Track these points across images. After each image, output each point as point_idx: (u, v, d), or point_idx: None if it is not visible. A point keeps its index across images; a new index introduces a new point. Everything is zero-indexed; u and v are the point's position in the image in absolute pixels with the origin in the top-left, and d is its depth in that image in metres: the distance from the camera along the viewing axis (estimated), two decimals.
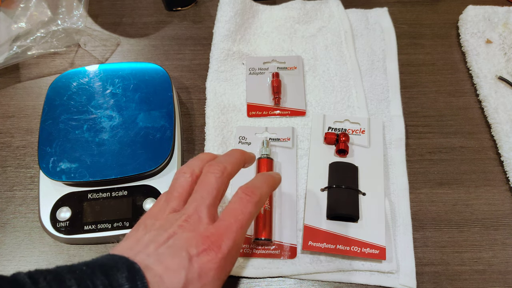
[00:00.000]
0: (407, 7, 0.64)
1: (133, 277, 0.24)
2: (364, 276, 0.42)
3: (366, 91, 0.54)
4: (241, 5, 0.58)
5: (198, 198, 0.29)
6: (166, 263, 0.25)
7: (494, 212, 0.46)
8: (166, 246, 0.26)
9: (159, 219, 0.29)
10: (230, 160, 0.32)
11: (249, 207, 0.29)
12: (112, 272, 0.24)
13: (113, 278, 0.23)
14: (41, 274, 0.23)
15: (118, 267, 0.24)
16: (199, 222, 0.28)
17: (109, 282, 0.23)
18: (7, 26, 0.56)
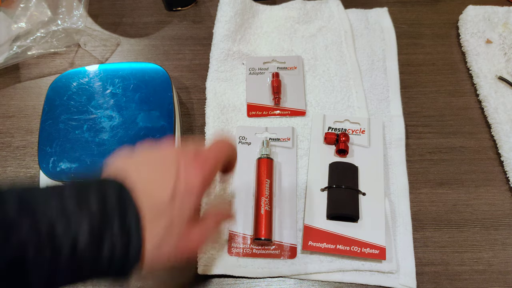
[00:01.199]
0: (407, 7, 0.64)
1: (122, 194, 0.26)
2: (364, 276, 0.42)
3: (366, 91, 0.54)
4: (241, 5, 0.58)
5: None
6: (155, 176, 0.28)
7: (494, 212, 0.46)
8: (157, 162, 0.30)
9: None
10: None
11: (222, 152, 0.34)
12: (104, 187, 0.26)
13: (104, 192, 0.26)
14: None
15: (109, 184, 0.27)
16: (189, 151, 0.32)
17: (101, 193, 0.26)
18: (7, 26, 0.56)
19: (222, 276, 0.43)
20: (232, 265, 0.43)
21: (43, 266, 0.23)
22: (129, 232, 0.26)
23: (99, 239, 0.24)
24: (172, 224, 0.28)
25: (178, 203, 0.28)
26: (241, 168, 0.48)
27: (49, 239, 0.23)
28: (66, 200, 0.24)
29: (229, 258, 0.43)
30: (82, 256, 0.24)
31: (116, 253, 0.25)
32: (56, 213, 0.23)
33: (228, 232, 0.44)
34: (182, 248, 0.29)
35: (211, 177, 0.32)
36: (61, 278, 0.24)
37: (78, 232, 0.24)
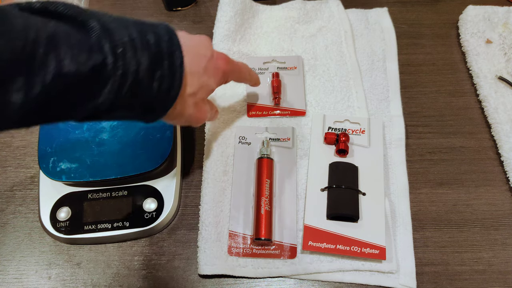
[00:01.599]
0: (407, 7, 0.64)
1: (173, 40, 0.32)
2: (364, 276, 0.42)
3: (366, 91, 0.54)
4: (241, 5, 0.58)
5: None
6: (195, 50, 0.36)
7: (494, 212, 0.46)
8: (198, 42, 0.38)
9: None
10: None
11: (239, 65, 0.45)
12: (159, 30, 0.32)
13: (159, 33, 0.32)
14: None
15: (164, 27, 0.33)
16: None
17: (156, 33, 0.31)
18: None
19: (222, 276, 0.43)
20: (232, 265, 0.43)
21: (116, 79, 0.28)
22: (174, 74, 0.32)
23: (153, 71, 0.30)
24: (201, 87, 0.37)
25: (207, 76, 0.37)
26: (241, 168, 0.48)
27: (122, 59, 0.28)
28: (133, 33, 0.29)
29: (229, 258, 0.43)
30: (140, 81, 0.29)
31: (162, 86, 0.31)
32: (127, 41, 0.29)
33: (228, 232, 0.44)
34: (198, 110, 0.38)
35: (233, 73, 0.42)
36: (123, 96, 0.29)
37: (141, 61, 0.29)
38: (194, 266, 0.44)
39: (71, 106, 0.28)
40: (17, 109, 0.24)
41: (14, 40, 0.23)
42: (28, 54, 0.24)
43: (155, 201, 0.45)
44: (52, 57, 0.24)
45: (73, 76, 0.26)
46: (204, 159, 0.48)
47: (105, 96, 0.28)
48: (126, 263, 0.44)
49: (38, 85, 0.24)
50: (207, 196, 0.46)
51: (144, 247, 0.45)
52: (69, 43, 0.26)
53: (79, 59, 0.26)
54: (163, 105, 0.33)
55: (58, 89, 0.25)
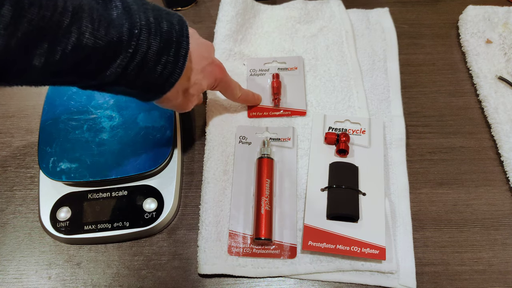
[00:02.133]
0: (407, 7, 0.64)
1: (184, 29, 0.35)
2: (364, 276, 0.42)
3: (367, 91, 0.54)
4: (243, 5, 0.58)
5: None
6: (202, 50, 0.40)
7: (494, 212, 0.46)
8: (202, 44, 0.41)
9: None
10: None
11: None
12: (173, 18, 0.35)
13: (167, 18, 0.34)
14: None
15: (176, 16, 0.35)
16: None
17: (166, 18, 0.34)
18: None
19: (222, 276, 0.43)
20: (232, 264, 0.43)
21: (126, 55, 0.30)
22: (178, 61, 0.34)
23: (160, 56, 0.33)
24: (194, 84, 0.40)
25: (202, 76, 0.40)
26: (241, 168, 0.48)
27: (136, 40, 0.31)
28: (150, 18, 0.32)
29: (229, 257, 0.43)
30: (147, 62, 0.32)
31: (165, 71, 0.34)
32: (144, 24, 0.31)
33: (228, 232, 0.44)
34: (185, 101, 0.41)
35: (222, 83, 0.45)
36: (128, 73, 0.32)
37: (152, 44, 0.32)
38: (194, 266, 0.44)
39: (82, 73, 0.30)
40: (37, 71, 0.27)
41: (44, 8, 0.25)
42: (54, 23, 0.26)
43: (155, 201, 0.45)
44: (74, 28, 0.27)
45: (90, 48, 0.28)
46: (205, 159, 0.48)
47: (113, 69, 0.30)
48: (126, 263, 0.44)
49: (58, 53, 0.27)
50: (207, 195, 0.46)
51: (144, 247, 0.45)
52: (92, 17, 0.28)
53: (98, 33, 0.28)
54: (161, 89, 0.36)
55: (75, 58, 0.28)
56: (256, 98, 0.52)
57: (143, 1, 0.33)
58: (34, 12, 0.24)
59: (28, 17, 0.24)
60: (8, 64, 0.26)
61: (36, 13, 0.25)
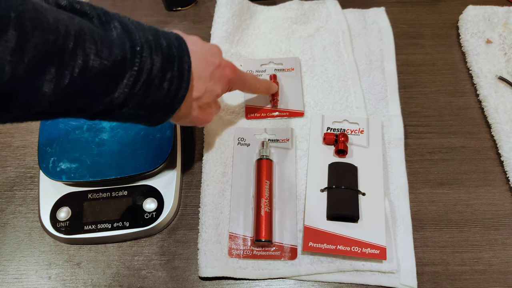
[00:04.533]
0: (407, 7, 0.64)
1: (182, 45, 0.35)
2: (365, 276, 0.42)
3: (364, 91, 0.54)
4: (239, 6, 0.58)
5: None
6: (203, 56, 0.38)
7: (494, 212, 0.46)
8: (207, 49, 0.40)
9: None
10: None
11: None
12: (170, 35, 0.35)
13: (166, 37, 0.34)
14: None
15: (173, 34, 0.35)
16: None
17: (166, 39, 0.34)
18: None
19: (223, 278, 0.43)
20: (232, 267, 0.43)
21: (132, 73, 0.30)
22: (183, 76, 0.34)
23: (164, 72, 0.32)
24: (206, 92, 0.38)
25: (213, 82, 0.39)
26: (240, 170, 0.48)
27: (139, 57, 0.30)
28: (149, 36, 0.32)
29: (229, 260, 0.43)
30: (153, 79, 0.32)
31: (172, 87, 0.33)
32: (144, 42, 0.31)
33: (228, 234, 0.44)
34: (203, 112, 0.40)
35: (238, 82, 0.43)
36: (136, 92, 0.31)
37: (155, 60, 0.31)
38: (194, 266, 0.44)
39: (91, 98, 0.30)
40: (46, 99, 0.26)
41: (47, 32, 0.25)
42: (60, 46, 0.25)
43: (155, 201, 0.45)
44: (80, 50, 0.26)
45: (97, 70, 0.28)
46: (203, 161, 0.48)
47: (121, 90, 0.30)
48: (126, 263, 0.44)
49: (67, 77, 0.26)
50: (207, 197, 0.46)
51: (144, 247, 0.45)
52: (94, 39, 0.28)
53: (102, 54, 0.28)
54: (170, 106, 0.35)
55: (83, 81, 0.27)
56: (275, 86, 0.51)
57: (139, 22, 0.33)
58: (38, 36, 0.24)
59: (33, 41, 0.24)
60: (15, 93, 0.24)
61: (40, 36, 0.24)
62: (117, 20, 0.31)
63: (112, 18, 0.31)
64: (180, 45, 0.34)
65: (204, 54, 0.39)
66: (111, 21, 0.30)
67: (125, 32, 0.30)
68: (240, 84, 0.44)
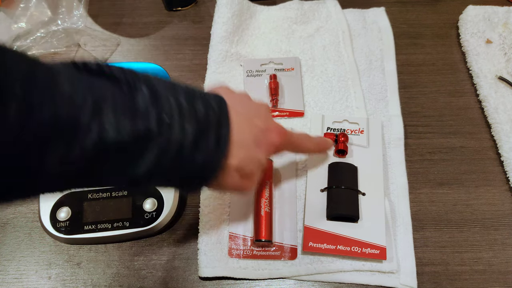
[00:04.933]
0: (407, 7, 0.64)
1: (222, 108, 0.31)
2: (365, 276, 0.42)
3: (364, 91, 0.54)
4: (239, 6, 0.58)
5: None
6: (247, 117, 0.33)
7: (494, 212, 0.46)
8: (252, 108, 0.35)
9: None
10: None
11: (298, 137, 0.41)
12: (208, 96, 0.31)
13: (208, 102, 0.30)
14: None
15: (212, 95, 0.31)
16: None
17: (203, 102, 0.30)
18: (7, 26, 0.56)
19: (223, 278, 0.43)
20: (232, 267, 0.43)
21: (157, 147, 0.26)
22: (219, 146, 0.30)
23: (197, 143, 0.28)
24: (250, 161, 0.33)
25: (258, 149, 0.33)
26: None
27: (167, 128, 0.26)
28: (182, 100, 0.28)
29: (229, 260, 0.43)
30: (183, 152, 0.28)
31: (205, 159, 0.29)
32: (175, 108, 0.27)
33: (228, 234, 0.44)
34: (245, 182, 0.34)
35: (288, 146, 0.39)
36: (165, 165, 0.27)
37: (187, 130, 0.27)
38: (194, 266, 0.44)
39: (109, 172, 0.26)
40: (54, 176, 0.23)
41: (59, 106, 0.22)
42: (71, 121, 0.22)
43: (155, 201, 0.45)
44: (94, 123, 0.23)
45: (114, 144, 0.24)
46: None
47: (144, 164, 0.26)
48: (126, 263, 0.44)
49: (77, 152, 0.23)
50: (207, 198, 0.46)
51: (144, 247, 0.45)
52: (114, 109, 0.24)
53: (122, 127, 0.24)
54: (203, 179, 0.31)
55: (98, 156, 0.24)
56: (330, 142, 0.46)
57: (175, 85, 0.29)
58: (46, 111, 0.21)
59: (39, 118, 0.21)
60: (15, 177, 0.22)
61: (48, 111, 0.21)
62: (147, 84, 0.27)
63: (141, 82, 0.27)
64: (220, 108, 0.30)
65: (250, 116, 0.34)
66: (140, 86, 0.27)
67: (153, 98, 0.26)
68: (291, 148, 0.40)
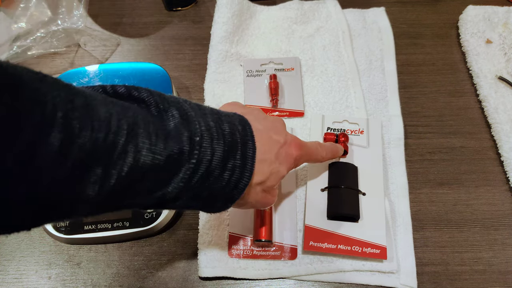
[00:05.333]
0: (407, 7, 0.64)
1: (246, 128, 0.32)
2: (365, 276, 0.42)
3: (364, 91, 0.54)
4: (239, 6, 0.58)
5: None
6: (267, 133, 0.35)
7: (494, 212, 0.46)
8: (269, 123, 0.36)
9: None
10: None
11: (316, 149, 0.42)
12: (233, 117, 0.32)
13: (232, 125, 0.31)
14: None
15: (236, 117, 0.32)
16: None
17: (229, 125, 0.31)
18: (7, 26, 0.56)
19: (223, 278, 0.43)
20: (232, 267, 0.43)
21: (189, 167, 0.27)
22: (246, 164, 0.31)
23: (225, 161, 0.29)
24: (271, 175, 0.34)
25: (278, 163, 0.35)
26: None
27: (198, 148, 0.28)
28: (210, 122, 0.29)
29: (229, 260, 0.43)
30: (213, 170, 0.29)
31: (233, 177, 0.30)
32: (204, 130, 0.28)
33: (228, 234, 0.44)
34: (265, 196, 0.35)
35: (304, 157, 0.39)
36: (193, 185, 0.28)
37: (216, 150, 0.29)
38: (194, 266, 0.44)
39: (140, 194, 0.26)
40: (89, 200, 0.23)
41: (97, 130, 0.22)
42: (109, 145, 0.23)
43: None
44: (131, 147, 0.24)
45: (149, 166, 0.25)
46: None
47: (175, 184, 0.27)
48: (126, 263, 0.44)
49: (114, 176, 0.23)
50: None
51: (144, 247, 0.45)
52: (148, 132, 0.25)
53: (156, 148, 0.25)
54: (230, 197, 0.32)
55: (132, 179, 0.24)
56: (340, 148, 0.46)
57: (200, 106, 0.31)
58: (86, 136, 0.21)
59: (79, 142, 0.21)
60: (52, 202, 0.22)
61: (88, 136, 0.21)
62: (176, 106, 0.28)
63: (170, 104, 0.28)
64: (244, 129, 0.32)
65: (269, 133, 0.35)
66: (169, 108, 0.28)
67: (184, 120, 0.28)
68: (305, 159, 0.40)
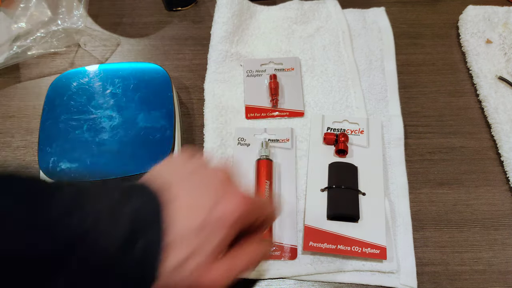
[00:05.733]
0: (407, 7, 0.64)
1: (155, 210, 0.27)
2: (365, 276, 0.42)
3: (364, 91, 0.54)
4: (239, 6, 0.58)
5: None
6: (194, 198, 0.28)
7: (494, 212, 0.46)
8: (202, 182, 0.29)
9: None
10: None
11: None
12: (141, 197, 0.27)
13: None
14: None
15: (147, 195, 0.28)
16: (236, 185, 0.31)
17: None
18: (7, 26, 0.56)
19: None
20: None
21: (85, 258, 0.24)
22: (149, 254, 0.25)
23: (123, 252, 0.25)
24: (193, 255, 0.27)
25: (205, 234, 0.27)
26: (240, 170, 0.48)
27: (94, 236, 0.24)
28: (107, 203, 0.26)
29: None
30: (111, 262, 0.24)
31: (133, 272, 0.25)
32: (101, 213, 0.25)
33: None
34: (205, 274, 0.27)
35: (249, 218, 0.29)
36: (88, 278, 0.25)
37: (116, 235, 0.24)
38: None
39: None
40: None
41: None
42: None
43: None
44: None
45: (19, 261, 0.22)
46: None
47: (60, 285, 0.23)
48: None
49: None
50: None
51: None
52: (21, 224, 0.22)
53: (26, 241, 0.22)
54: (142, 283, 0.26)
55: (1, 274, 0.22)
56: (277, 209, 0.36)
57: (97, 187, 0.27)
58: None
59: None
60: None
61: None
62: (69, 195, 0.25)
63: (64, 196, 0.25)
64: (154, 212, 0.26)
65: (195, 196, 0.28)
66: (62, 200, 0.25)
67: (76, 209, 0.24)
68: (256, 214, 0.31)
